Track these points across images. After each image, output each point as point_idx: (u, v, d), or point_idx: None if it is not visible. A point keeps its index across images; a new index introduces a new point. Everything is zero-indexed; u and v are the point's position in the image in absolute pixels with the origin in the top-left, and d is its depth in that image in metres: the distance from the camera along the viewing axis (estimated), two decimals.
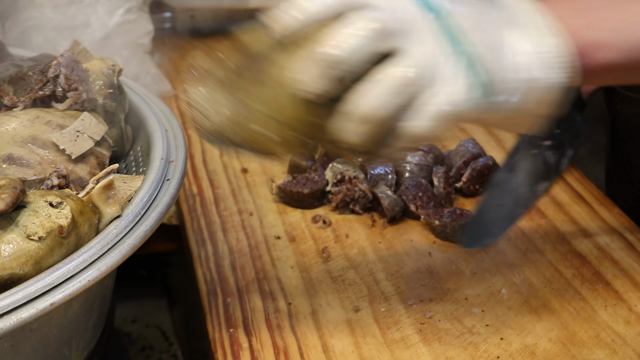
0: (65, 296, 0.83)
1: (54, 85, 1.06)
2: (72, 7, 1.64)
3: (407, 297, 1.13)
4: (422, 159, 1.34)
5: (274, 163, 1.44)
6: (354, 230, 1.27)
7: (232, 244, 1.24)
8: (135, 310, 1.41)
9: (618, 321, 1.08)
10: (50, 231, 0.86)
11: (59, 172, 0.97)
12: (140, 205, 0.95)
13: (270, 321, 1.09)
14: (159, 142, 1.08)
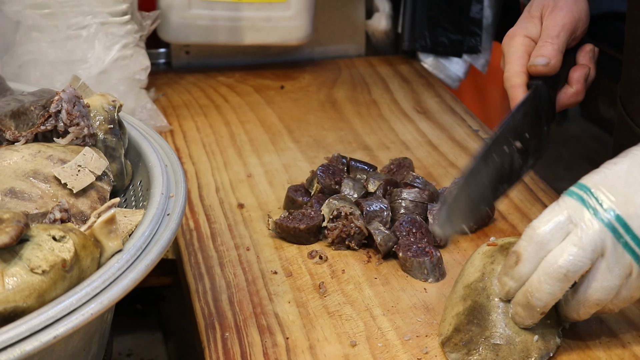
0: (68, 329, 0.84)
1: (55, 121, 1.08)
2: (69, 42, 1.66)
3: (404, 332, 1.13)
4: (417, 195, 1.36)
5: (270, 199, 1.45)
6: (350, 265, 1.28)
7: (230, 279, 1.25)
8: (131, 344, 1.41)
9: (612, 358, 1.09)
10: (54, 265, 0.87)
11: (61, 206, 0.98)
12: (142, 240, 0.96)
13: (268, 355, 1.09)
14: (158, 177, 1.09)
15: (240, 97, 1.92)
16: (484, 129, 1.76)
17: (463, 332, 1.08)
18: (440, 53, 2.13)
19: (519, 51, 1.29)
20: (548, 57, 1.26)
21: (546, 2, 1.32)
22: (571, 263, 1.01)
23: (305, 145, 1.68)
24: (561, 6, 1.31)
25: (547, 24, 1.30)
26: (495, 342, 1.06)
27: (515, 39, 1.31)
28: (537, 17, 1.32)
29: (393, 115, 1.83)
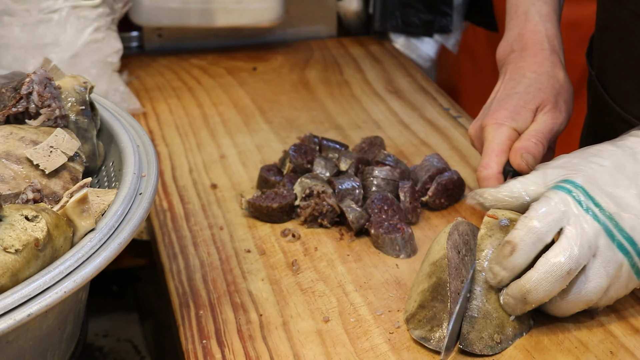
0: (42, 307, 0.85)
1: (27, 102, 1.08)
2: (41, 26, 1.66)
3: (376, 307, 1.15)
4: (389, 173, 1.37)
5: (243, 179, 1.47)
6: (323, 243, 1.29)
7: (204, 258, 1.26)
8: (107, 325, 1.42)
9: (581, 329, 1.10)
10: (27, 244, 0.88)
11: (34, 186, 0.98)
12: (114, 219, 0.97)
13: (242, 332, 1.11)
14: (130, 157, 1.10)
15: (212, 79, 1.93)
16: (455, 107, 1.78)
17: (427, 309, 1.09)
18: (411, 33, 2.14)
19: (503, 145, 1.25)
20: (537, 159, 1.23)
21: (547, 97, 1.28)
22: (574, 262, 1.02)
23: (278, 125, 1.69)
24: (561, 109, 1.28)
25: (545, 121, 1.26)
26: (472, 314, 1.08)
27: (503, 129, 1.26)
28: (532, 110, 1.27)
29: (365, 95, 1.85)
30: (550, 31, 1.34)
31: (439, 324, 1.07)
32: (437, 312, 1.08)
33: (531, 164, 1.22)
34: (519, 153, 1.23)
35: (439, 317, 1.07)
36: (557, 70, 1.31)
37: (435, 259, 1.12)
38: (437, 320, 1.07)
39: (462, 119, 1.71)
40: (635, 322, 1.12)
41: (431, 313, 1.08)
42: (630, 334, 1.10)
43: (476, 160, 1.52)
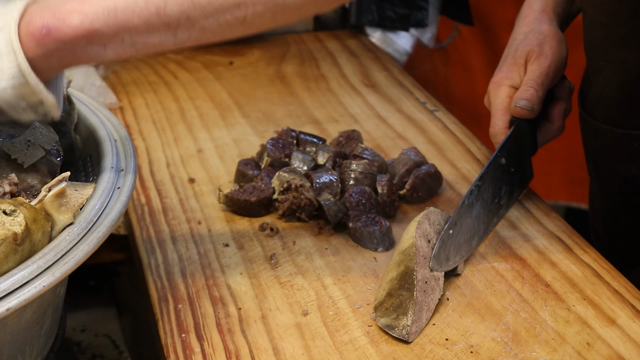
0: (21, 302, 0.85)
1: None
2: None
3: (354, 300, 1.15)
4: (366, 167, 1.37)
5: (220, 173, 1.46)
6: (301, 237, 1.30)
7: (182, 252, 1.26)
8: (85, 320, 1.42)
9: (558, 321, 1.11)
10: (5, 238, 0.87)
11: (11, 180, 0.98)
12: (93, 213, 0.97)
13: (221, 326, 1.11)
14: (108, 151, 1.10)
15: (189, 74, 1.92)
16: (432, 101, 1.78)
17: (394, 297, 1.10)
18: (387, 27, 2.15)
19: (504, 103, 1.35)
20: (531, 101, 1.32)
21: (532, 48, 1.36)
22: None
23: (255, 119, 1.69)
24: (546, 54, 1.35)
25: (533, 69, 1.34)
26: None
27: (501, 89, 1.36)
28: (522, 64, 1.36)
29: (341, 89, 1.85)
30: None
31: (405, 312, 1.08)
32: (403, 300, 1.09)
33: (528, 107, 1.31)
34: (513, 103, 1.33)
35: (405, 306, 1.08)
36: (542, 25, 1.39)
37: (404, 247, 1.13)
38: (403, 308, 1.08)
39: (438, 113, 1.72)
40: (612, 314, 1.13)
41: (398, 301, 1.09)
42: (607, 325, 1.11)
43: (452, 155, 1.54)
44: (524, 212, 1.35)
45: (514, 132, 1.32)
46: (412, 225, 1.16)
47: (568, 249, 1.26)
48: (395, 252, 1.15)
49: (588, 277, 1.20)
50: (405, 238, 1.15)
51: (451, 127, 1.64)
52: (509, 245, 1.27)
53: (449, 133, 1.62)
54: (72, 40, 0.97)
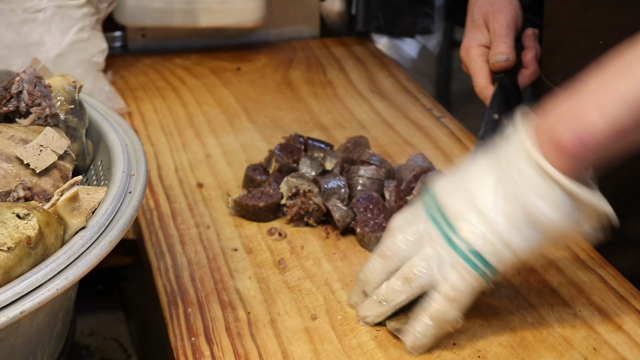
0: (35, 304, 0.86)
1: (17, 101, 1.09)
2: (25, 25, 1.66)
3: None
4: (374, 173, 1.38)
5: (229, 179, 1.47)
6: (309, 242, 1.31)
7: (191, 256, 1.27)
8: (93, 323, 1.42)
9: (564, 326, 1.12)
10: (19, 242, 0.88)
11: (24, 184, 0.99)
12: (105, 217, 0.98)
13: (230, 330, 1.12)
14: (119, 156, 1.11)
15: (197, 79, 1.93)
16: (438, 107, 1.79)
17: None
18: (393, 34, 2.16)
19: (479, 62, 1.42)
20: (506, 53, 1.38)
21: (485, 9, 1.44)
22: (419, 268, 1.06)
23: (263, 125, 1.70)
24: (500, 8, 1.43)
25: (494, 26, 1.42)
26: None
27: (472, 50, 1.43)
28: (482, 25, 1.44)
29: (348, 95, 1.86)
30: None
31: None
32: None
33: (504, 58, 1.38)
34: (491, 61, 1.39)
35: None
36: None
37: None
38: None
39: (445, 119, 1.73)
40: (618, 319, 1.13)
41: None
42: (613, 330, 1.11)
43: (459, 161, 1.54)
44: None
45: (498, 87, 1.38)
46: None
47: (574, 255, 1.27)
48: None
49: (594, 283, 1.20)
50: None
51: (457, 134, 1.65)
52: None
53: (455, 139, 1.63)
54: (603, 142, 0.97)
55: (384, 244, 1.10)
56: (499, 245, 1.02)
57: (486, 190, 1.04)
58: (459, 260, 1.04)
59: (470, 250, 1.03)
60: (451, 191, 1.07)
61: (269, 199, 1.35)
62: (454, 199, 1.06)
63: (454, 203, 1.05)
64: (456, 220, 1.04)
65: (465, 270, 1.03)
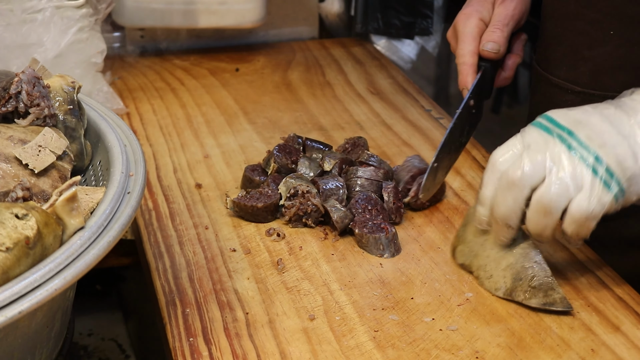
0: (33, 304, 0.86)
1: (16, 102, 1.09)
2: (24, 26, 1.66)
3: (361, 306, 1.16)
4: (373, 174, 1.38)
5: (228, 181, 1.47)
6: (308, 242, 1.31)
7: (189, 257, 1.27)
8: (91, 324, 1.43)
9: (563, 327, 1.12)
10: (17, 242, 0.88)
11: (23, 185, 0.99)
12: (103, 217, 0.98)
13: (228, 330, 1.12)
14: (118, 156, 1.11)
15: (195, 80, 1.94)
16: (437, 108, 1.79)
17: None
18: (392, 35, 2.16)
19: (473, 32, 1.40)
20: (498, 43, 1.38)
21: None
22: (556, 194, 1.09)
23: (261, 126, 1.70)
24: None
25: (499, 11, 1.40)
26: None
27: (471, 19, 1.41)
28: (490, 3, 1.42)
29: (347, 96, 1.86)
30: None
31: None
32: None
33: (495, 49, 1.38)
34: (482, 45, 1.39)
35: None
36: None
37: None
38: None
39: (443, 120, 1.73)
40: (616, 321, 1.13)
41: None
42: (611, 332, 1.12)
43: (457, 162, 1.54)
44: None
45: (482, 75, 1.38)
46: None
47: (572, 256, 1.27)
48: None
49: (592, 284, 1.21)
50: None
51: None
52: None
53: None
54: None
55: (507, 173, 1.12)
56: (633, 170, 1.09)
57: (626, 123, 1.10)
58: (592, 178, 1.08)
59: (606, 169, 1.08)
60: (576, 118, 1.12)
61: (267, 199, 1.35)
62: (587, 125, 1.11)
63: (588, 127, 1.10)
64: (591, 141, 1.09)
65: (598, 187, 1.08)
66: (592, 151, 1.09)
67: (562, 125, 1.11)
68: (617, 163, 1.08)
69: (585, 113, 1.13)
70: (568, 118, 1.12)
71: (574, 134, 1.10)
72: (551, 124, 1.12)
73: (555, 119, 1.13)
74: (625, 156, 1.08)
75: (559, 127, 1.11)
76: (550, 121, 1.13)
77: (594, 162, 1.08)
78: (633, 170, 1.08)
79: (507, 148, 1.14)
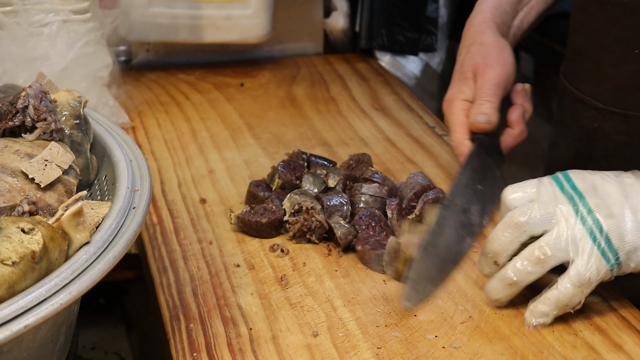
0: (39, 319, 0.86)
1: (23, 116, 1.09)
2: (31, 39, 1.67)
3: (364, 322, 1.16)
4: (377, 190, 1.39)
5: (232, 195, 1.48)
6: (311, 259, 1.31)
7: (193, 272, 1.28)
8: (95, 337, 1.43)
9: (565, 346, 1.12)
10: (23, 256, 0.89)
11: (29, 199, 0.99)
12: (109, 232, 0.98)
13: (232, 346, 1.12)
14: (124, 171, 1.11)
15: (200, 94, 1.94)
16: (440, 125, 1.80)
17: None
18: (397, 51, 2.17)
19: (459, 117, 1.36)
20: (487, 114, 1.33)
21: (476, 62, 1.38)
22: (555, 249, 1.11)
23: (266, 141, 1.71)
24: (491, 64, 1.36)
25: (482, 83, 1.36)
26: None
27: (454, 103, 1.38)
28: (471, 78, 1.38)
29: (351, 112, 1.87)
30: (487, 4, 1.44)
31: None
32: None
33: (486, 120, 1.33)
34: (471, 120, 1.34)
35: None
36: (482, 36, 1.41)
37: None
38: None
39: (447, 137, 1.73)
40: (618, 340, 1.14)
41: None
42: (614, 350, 1.12)
43: None
44: None
45: (476, 149, 1.32)
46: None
47: None
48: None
49: (595, 303, 1.21)
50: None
51: None
52: None
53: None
54: None
55: (514, 214, 1.14)
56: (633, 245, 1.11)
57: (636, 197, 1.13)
58: (592, 246, 1.10)
59: (606, 240, 1.10)
60: (593, 183, 1.14)
61: (271, 215, 1.35)
62: (601, 193, 1.13)
63: (600, 195, 1.12)
64: (599, 210, 1.11)
65: (596, 256, 1.11)
66: (596, 220, 1.11)
67: (577, 188, 1.14)
68: (619, 236, 1.11)
69: (603, 180, 1.15)
70: (585, 182, 1.14)
71: (584, 199, 1.12)
72: (567, 183, 1.15)
73: (573, 179, 1.15)
74: (628, 230, 1.11)
75: (572, 189, 1.14)
76: (567, 180, 1.15)
77: (596, 232, 1.11)
78: (633, 244, 1.11)
79: (520, 188, 1.16)
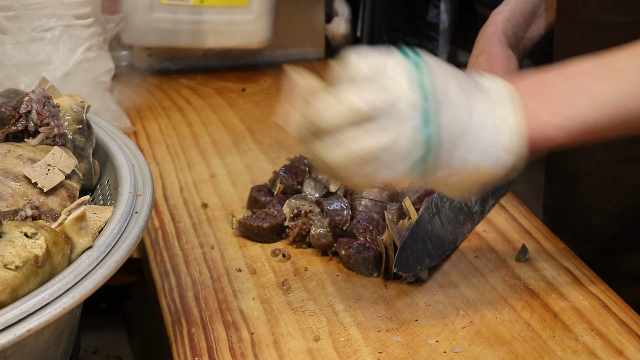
0: (42, 323, 0.86)
1: (26, 121, 1.10)
2: (33, 44, 1.67)
3: (365, 327, 1.17)
4: (378, 195, 1.39)
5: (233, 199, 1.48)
6: (313, 263, 1.31)
7: (195, 276, 1.28)
8: (96, 342, 1.43)
9: (566, 351, 1.13)
10: (27, 260, 0.89)
11: (32, 203, 1.00)
12: (111, 237, 0.99)
13: (234, 350, 1.12)
14: (126, 176, 1.12)
15: (202, 100, 1.95)
16: None
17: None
18: None
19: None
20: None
21: (482, 69, 1.38)
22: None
23: (267, 146, 1.71)
24: (496, 72, 1.36)
25: None
26: None
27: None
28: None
29: None
30: (500, 16, 1.45)
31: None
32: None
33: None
34: None
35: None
36: (491, 46, 1.42)
37: None
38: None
39: None
40: (619, 345, 1.14)
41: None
42: (614, 356, 1.12)
43: None
44: (533, 242, 1.36)
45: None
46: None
47: (576, 280, 1.27)
48: None
49: (596, 309, 1.21)
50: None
51: None
52: (518, 274, 1.28)
53: None
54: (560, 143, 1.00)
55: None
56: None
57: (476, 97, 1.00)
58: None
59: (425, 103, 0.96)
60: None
61: (273, 220, 1.36)
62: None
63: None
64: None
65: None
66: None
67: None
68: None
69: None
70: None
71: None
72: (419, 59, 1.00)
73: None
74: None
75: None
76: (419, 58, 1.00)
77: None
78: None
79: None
